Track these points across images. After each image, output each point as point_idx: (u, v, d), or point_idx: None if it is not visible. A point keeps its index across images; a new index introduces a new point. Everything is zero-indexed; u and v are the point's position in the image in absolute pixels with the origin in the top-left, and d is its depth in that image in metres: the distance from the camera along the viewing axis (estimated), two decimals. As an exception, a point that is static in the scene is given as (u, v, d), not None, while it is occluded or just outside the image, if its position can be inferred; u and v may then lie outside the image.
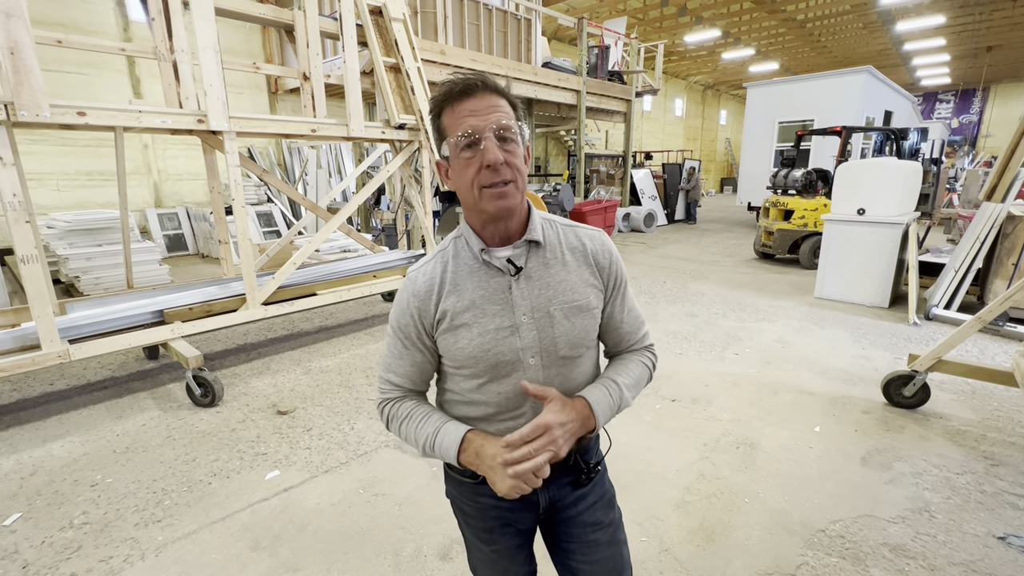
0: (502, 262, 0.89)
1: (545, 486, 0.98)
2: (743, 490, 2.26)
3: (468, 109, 0.80)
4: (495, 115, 0.80)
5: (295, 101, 9.97)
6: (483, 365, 0.89)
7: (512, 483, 0.80)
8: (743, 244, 9.06)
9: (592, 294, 0.93)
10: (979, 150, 22.36)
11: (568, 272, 0.92)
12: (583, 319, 0.92)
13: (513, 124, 0.82)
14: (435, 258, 0.94)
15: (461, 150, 0.81)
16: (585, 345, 0.94)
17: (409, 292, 0.92)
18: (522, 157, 0.85)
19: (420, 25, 6.38)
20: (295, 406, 3.09)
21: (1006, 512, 2.08)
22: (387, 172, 4.30)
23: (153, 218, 8.24)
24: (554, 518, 1.03)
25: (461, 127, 0.80)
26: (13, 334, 2.78)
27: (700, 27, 14.62)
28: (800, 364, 3.66)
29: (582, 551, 1.02)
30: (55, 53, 7.01)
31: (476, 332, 0.88)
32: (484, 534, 1.04)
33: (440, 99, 0.83)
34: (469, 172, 0.81)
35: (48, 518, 2.12)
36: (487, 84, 0.81)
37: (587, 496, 1.02)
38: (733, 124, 27.27)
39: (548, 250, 0.92)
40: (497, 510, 1.01)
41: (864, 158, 7.98)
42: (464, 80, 0.81)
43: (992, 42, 16.98)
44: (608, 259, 0.95)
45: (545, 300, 0.89)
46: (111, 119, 2.81)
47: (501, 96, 0.83)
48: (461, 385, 0.94)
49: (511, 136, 0.82)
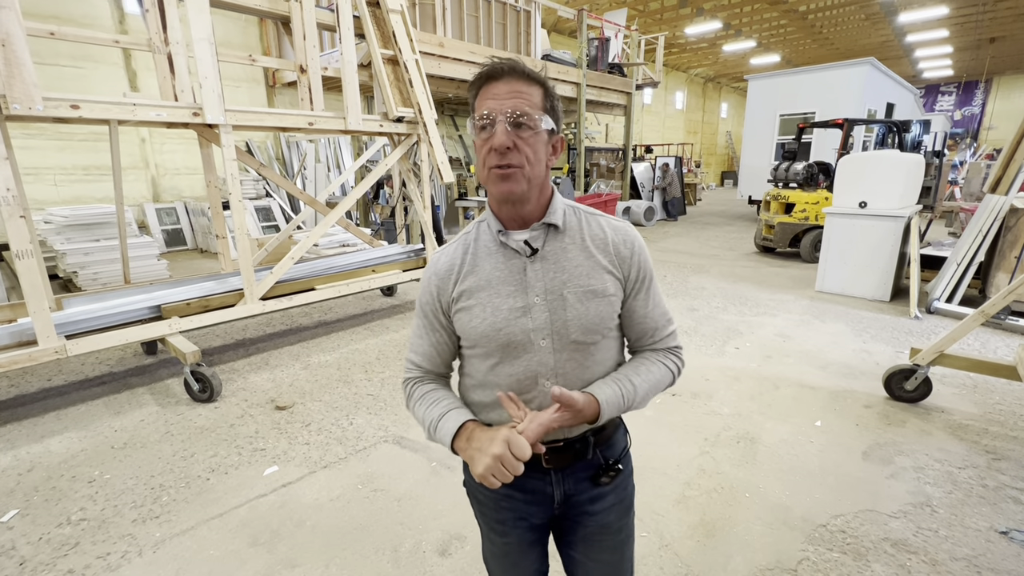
0: (519, 243, 0.91)
1: (561, 479, 0.97)
2: (744, 485, 2.25)
3: (491, 92, 0.83)
4: (514, 100, 0.81)
5: (293, 94, 9.89)
6: (494, 344, 0.91)
7: (488, 465, 0.78)
8: (744, 238, 9.03)
9: (610, 281, 0.92)
10: (981, 143, 22.25)
11: (586, 257, 0.91)
12: (597, 304, 0.90)
13: (533, 112, 0.82)
14: (459, 240, 0.98)
15: (478, 131, 0.84)
16: (600, 332, 0.92)
17: (431, 271, 0.97)
18: (540, 146, 0.85)
19: (418, 17, 6.32)
20: (293, 401, 3.08)
21: (1008, 506, 2.07)
22: (385, 165, 4.26)
23: (151, 213, 8.20)
24: (568, 513, 1.02)
25: (480, 109, 0.83)
26: (10, 330, 2.76)
27: (701, 19, 14.50)
28: (801, 358, 3.65)
29: (586, 547, 1.03)
30: (50, 46, 6.95)
31: (489, 311, 0.90)
32: (497, 525, 1.04)
33: (473, 82, 0.86)
34: (482, 152, 0.84)
35: (46, 514, 2.11)
36: (515, 69, 0.82)
37: (605, 496, 1.00)
38: (734, 117, 27.13)
39: (567, 235, 0.93)
40: (511, 500, 1.00)
41: (866, 151, 7.94)
42: (493, 65, 0.83)
43: (995, 34, 16.85)
44: (630, 250, 0.94)
45: (559, 283, 0.90)
46: (105, 112, 2.77)
47: (531, 82, 0.84)
48: (476, 367, 0.96)
49: (527, 123, 0.82)
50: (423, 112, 4.24)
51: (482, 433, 0.85)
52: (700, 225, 10.81)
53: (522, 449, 0.78)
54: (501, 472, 0.79)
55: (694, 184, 14.83)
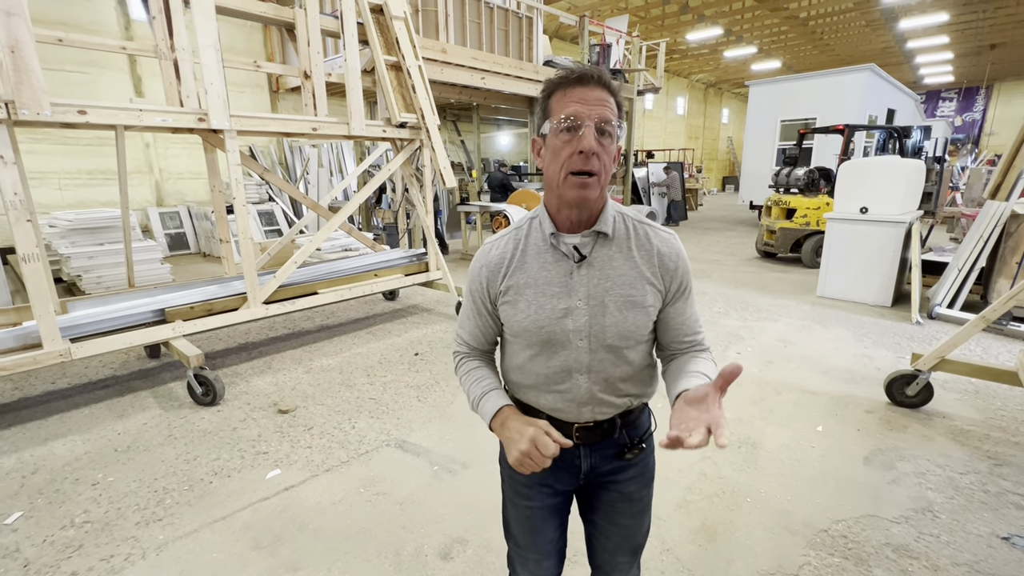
0: (568, 248, 0.94)
1: (588, 452, 1.04)
2: (745, 490, 2.25)
3: (578, 96, 0.84)
4: (600, 108, 0.84)
5: (296, 100, 9.96)
6: (536, 339, 0.96)
7: (517, 457, 0.88)
8: (745, 243, 9.04)
9: (650, 292, 0.95)
10: (982, 148, 22.25)
11: (631, 267, 0.95)
12: (635, 314, 0.95)
13: (615, 120, 0.86)
14: (510, 234, 1.01)
15: (560, 132, 0.85)
16: (635, 339, 0.97)
17: (482, 262, 1.01)
18: (613, 155, 0.88)
19: (421, 23, 6.37)
20: (296, 405, 3.09)
21: (1010, 512, 2.07)
22: (388, 171, 4.29)
23: (155, 217, 8.25)
24: (592, 482, 1.09)
25: (567, 110, 0.84)
26: (15, 333, 2.78)
27: (702, 25, 14.56)
28: (802, 363, 3.65)
29: (608, 513, 1.10)
30: (57, 52, 7.02)
31: (534, 308, 0.95)
32: (524, 488, 1.10)
33: (555, 82, 0.88)
34: (563, 155, 0.85)
35: (49, 517, 2.12)
36: (602, 79, 0.86)
37: (627, 468, 1.07)
38: (735, 123, 27.19)
39: (615, 243, 0.95)
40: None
41: (867, 156, 7.95)
42: (583, 69, 0.86)
43: (996, 40, 16.89)
44: (675, 263, 0.97)
45: (602, 290, 0.94)
46: (112, 118, 2.80)
47: (611, 94, 0.86)
48: (518, 353, 1.02)
49: (610, 131, 0.85)
50: (426, 117, 4.27)
51: (514, 423, 0.93)
52: (701, 230, 10.82)
53: (547, 447, 0.86)
54: (530, 465, 0.88)
55: (695, 189, 14.85)
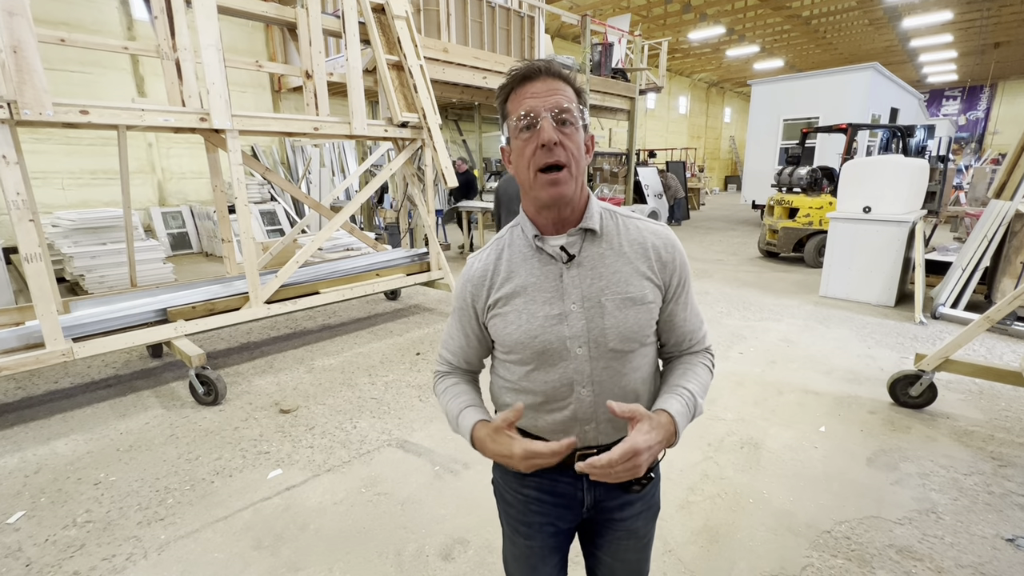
0: (555, 249, 0.89)
1: (592, 484, 0.97)
2: (747, 491, 2.24)
3: (529, 92, 0.82)
4: (555, 97, 0.81)
5: (298, 99, 9.96)
6: (530, 351, 0.90)
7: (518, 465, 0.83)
8: (747, 242, 9.01)
9: (648, 288, 0.89)
10: (986, 147, 22.16)
11: (624, 263, 0.89)
12: (636, 312, 0.88)
13: (573, 107, 0.82)
14: (492, 245, 0.97)
15: (519, 131, 0.82)
16: (639, 341, 0.90)
17: (465, 277, 0.97)
18: (581, 143, 0.84)
19: (423, 23, 6.36)
20: (298, 405, 3.09)
21: (1014, 514, 2.06)
22: (390, 170, 4.29)
23: (157, 216, 8.26)
24: (596, 518, 1.02)
25: (521, 108, 0.82)
26: (17, 332, 2.78)
27: (704, 24, 14.52)
28: (805, 363, 3.64)
29: (612, 550, 1.04)
30: (59, 52, 7.03)
31: (525, 318, 0.89)
32: (522, 527, 1.03)
33: (506, 85, 0.85)
34: (526, 153, 0.82)
35: (51, 516, 2.13)
36: (550, 69, 0.82)
37: (634, 503, 1.00)
38: (737, 122, 27.12)
39: (605, 240, 0.90)
40: (540, 504, 1.00)
41: (870, 156, 7.92)
42: (528, 65, 0.83)
43: (1000, 38, 16.81)
44: (671, 255, 0.92)
45: (597, 290, 0.88)
46: (114, 117, 2.81)
47: (564, 82, 0.83)
48: (511, 372, 0.95)
49: (569, 119, 0.81)
50: (427, 117, 4.27)
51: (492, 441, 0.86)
52: (703, 230, 10.80)
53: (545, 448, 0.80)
54: (535, 465, 0.82)
55: (697, 189, 14.82)
